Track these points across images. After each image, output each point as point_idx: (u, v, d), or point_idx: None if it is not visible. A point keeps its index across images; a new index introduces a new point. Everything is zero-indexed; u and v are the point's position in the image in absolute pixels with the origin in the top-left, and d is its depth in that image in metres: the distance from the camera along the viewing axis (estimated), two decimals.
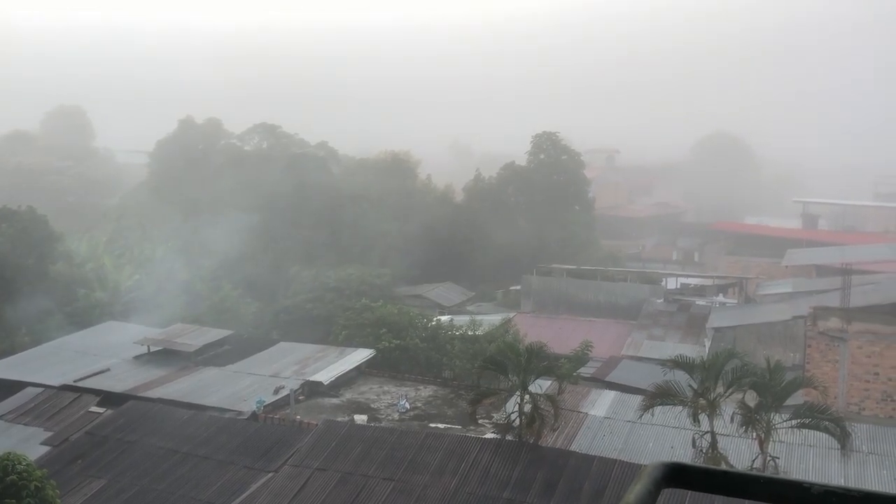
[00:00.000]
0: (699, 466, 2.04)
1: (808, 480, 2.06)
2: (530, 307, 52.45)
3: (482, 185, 69.65)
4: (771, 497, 2.08)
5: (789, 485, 2.08)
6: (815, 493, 2.04)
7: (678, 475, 2.01)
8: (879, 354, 31.83)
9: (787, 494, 2.07)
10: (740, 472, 2.06)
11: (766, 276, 53.69)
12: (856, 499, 2.02)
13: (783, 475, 23.26)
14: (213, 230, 54.21)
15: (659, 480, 1.96)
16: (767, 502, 2.08)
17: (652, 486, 1.92)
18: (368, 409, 31.95)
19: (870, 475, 24.60)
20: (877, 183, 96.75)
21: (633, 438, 26.91)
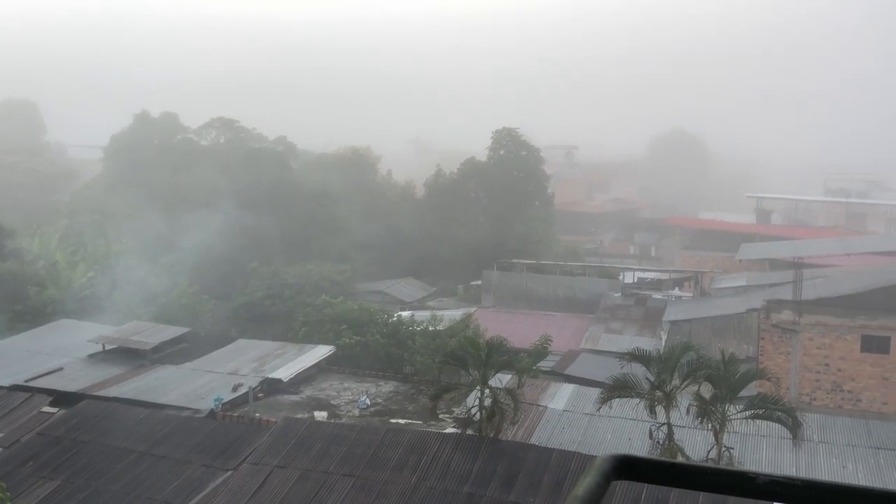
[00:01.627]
0: (648, 458, 2.07)
1: (753, 470, 2.12)
2: (491, 302, 52.70)
3: (443, 180, 69.70)
4: (718, 487, 2.13)
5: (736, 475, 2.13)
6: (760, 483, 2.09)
7: (627, 467, 2.04)
8: (829, 346, 32.66)
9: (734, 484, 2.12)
10: (688, 464, 2.10)
11: (720, 269, 54.66)
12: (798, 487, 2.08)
13: (738, 465, 23.76)
14: (170, 226, 53.39)
15: (608, 473, 1.99)
16: (715, 492, 2.13)
17: (601, 479, 1.95)
18: (328, 405, 31.80)
19: (820, 463, 25.24)
20: (827, 179, 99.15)
21: (591, 431, 27.22)
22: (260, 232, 54.27)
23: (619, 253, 76.43)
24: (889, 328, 31.93)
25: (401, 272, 59.09)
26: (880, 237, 56.82)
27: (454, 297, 57.52)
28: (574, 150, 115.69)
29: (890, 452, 25.71)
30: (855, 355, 32.35)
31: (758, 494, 2.10)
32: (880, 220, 77.27)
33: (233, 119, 79.89)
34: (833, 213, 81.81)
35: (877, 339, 32.16)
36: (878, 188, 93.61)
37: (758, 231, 64.57)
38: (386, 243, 59.66)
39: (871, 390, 32.06)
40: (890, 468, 24.89)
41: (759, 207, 77.81)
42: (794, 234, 61.04)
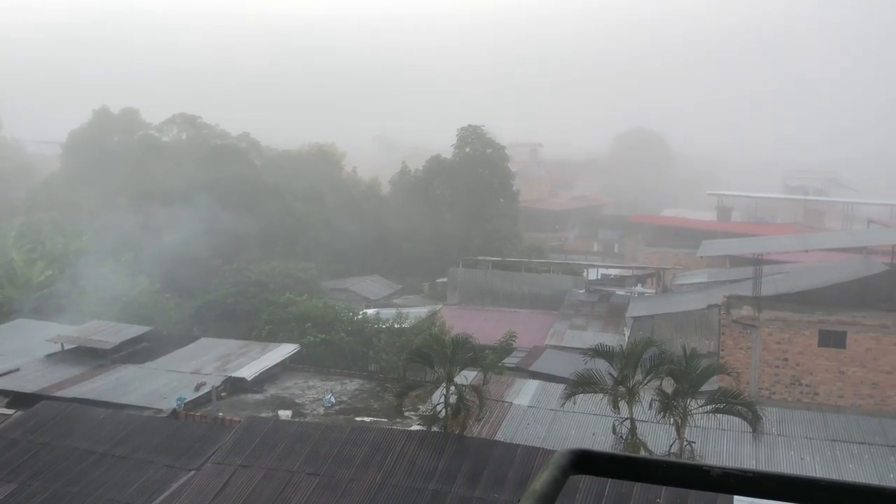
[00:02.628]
0: (604, 453, 2.10)
1: (707, 464, 2.15)
2: (456, 299, 52.79)
3: (408, 177, 69.60)
4: (673, 480, 2.16)
5: (690, 468, 2.17)
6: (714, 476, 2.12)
7: (584, 462, 2.06)
8: (788, 341, 33.29)
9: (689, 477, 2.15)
10: (644, 458, 2.13)
11: (682, 266, 55.42)
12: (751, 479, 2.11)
13: (699, 459, 24.12)
14: (130, 224, 52.54)
15: (566, 467, 2.01)
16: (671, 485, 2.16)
17: (558, 473, 1.96)
18: (293, 404, 31.61)
19: (779, 456, 25.74)
20: (786, 177, 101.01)
21: (555, 426, 27.43)
22: (223, 229, 53.68)
23: (583, 250, 77.03)
24: (846, 323, 32.64)
25: (366, 270, 58.90)
26: (837, 234, 58.00)
27: (420, 295, 57.51)
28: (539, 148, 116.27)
29: (846, 445, 26.32)
30: (812, 350, 33.01)
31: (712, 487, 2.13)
32: (837, 216, 78.94)
33: (195, 115, 78.90)
34: (792, 210, 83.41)
35: (834, 334, 32.85)
36: (836, 185, 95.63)
37: (718, 228, 65.57)
38: (351, 241, 59.42)
39: (828, 384, 32.76)
40: (846, 460, 25.49)
41: (720, 205, 79.01)
42: (754, 230, 62.09)
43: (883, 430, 27.26)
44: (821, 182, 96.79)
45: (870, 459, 25.40)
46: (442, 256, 58.43)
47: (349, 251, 58.81)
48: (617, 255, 74.95)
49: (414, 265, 61.13)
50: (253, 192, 58.66)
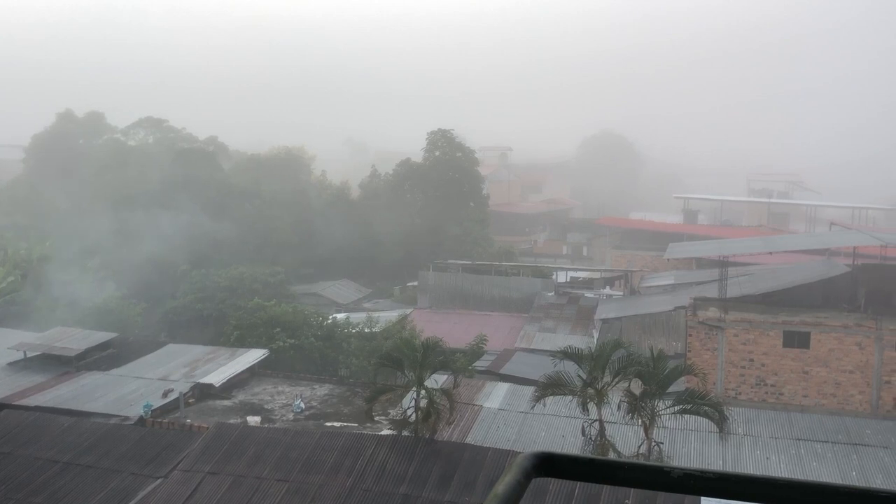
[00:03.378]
0: (567, 455, 2.13)
1: (668, 465, 2.19)
2: (427, 303, 52.76)
3: (378, 181, 69.47)
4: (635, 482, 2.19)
5: (652, 469, 2.20)
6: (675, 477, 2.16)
7: (547, 464, 2.09)
8: (753, 342, 33.77)
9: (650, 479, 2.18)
10: (606, 460, 2.16)
11: (649, 268, 55.94)
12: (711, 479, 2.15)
13: (667, 459, 24.38)
14: (96, 229, 51.77)
15: (528, 471, 2.03)
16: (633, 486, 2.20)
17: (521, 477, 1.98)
18: (262, 410, 31.35)
19: (745, 455, 26.11)
20: (750, 181, 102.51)
21: (525, 429, 27.54)
22: (190, 234, 53.12)
23: (553, 253, 77.45)
24: (809, 324, 33.20)
25: (336, 274, 58.64)
26: (801, 236, 58.99)
27: (390, 299, 57.38)
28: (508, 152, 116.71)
29: (810, 443, 26.78)
30: (777, 350, 33.52)
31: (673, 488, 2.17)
32: (801, 219, 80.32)
33: (162, 119, 78.02)
34: (756, 213, 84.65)
35: (798, 335, 33.40)
36: (799, 188, 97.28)
37: (685, 230, 66.34)
38: (321, 244, 59.11)
39: (792, 384, 33.29)
40: (810, 458, 25.93)
41: (687, 208, 79.97)
42: (720, 233, 62.89)
43: (845, 428, 27.79)
44: (784, 185, 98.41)
45: (833, 457, 25.87)
46: (412, 260, 58.39)
47: (319, 255, 58.50)
48: (585, 258, 75.47)
49: (384, 269, 60.99)
50: (220, 196, 58.14)
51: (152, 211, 53.62)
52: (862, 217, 73.44)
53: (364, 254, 60.76)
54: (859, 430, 27.68)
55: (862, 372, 32.58)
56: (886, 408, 31.85)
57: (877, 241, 37.09)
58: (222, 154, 73.21)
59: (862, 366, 32.56)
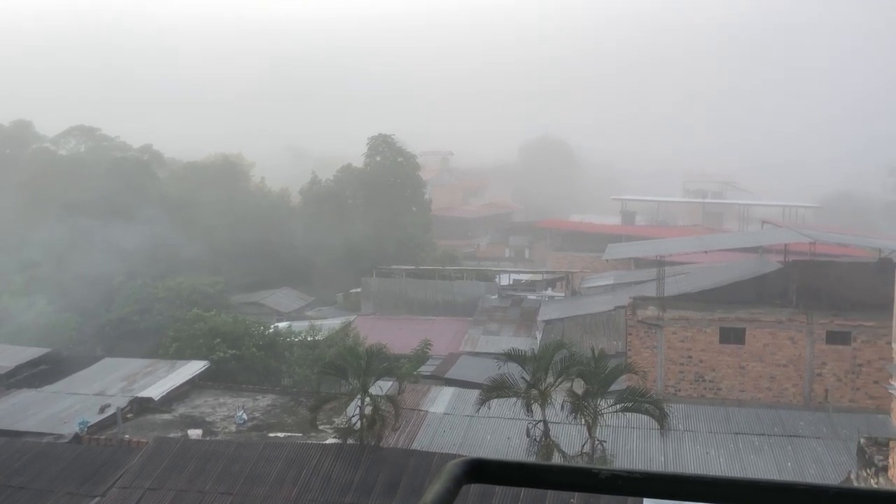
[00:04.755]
0: (496, 460, 2.14)
1: (596, 467, 2.22)
2: (371, 309, 52.51)
3: (318, 187, 68.93)
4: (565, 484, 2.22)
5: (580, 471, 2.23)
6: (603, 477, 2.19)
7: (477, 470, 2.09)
8: (691, 339, 34.57)
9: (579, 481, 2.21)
10: (535, 463, 2.18)
11: (590, 269, 56.76)
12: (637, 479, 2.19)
13: (610, 458, 24.76)
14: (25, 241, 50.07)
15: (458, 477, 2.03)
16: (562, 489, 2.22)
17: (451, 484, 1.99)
18: (203, 422, 30.75)
19: (685, 451, 26.69)
20: (685, 181, 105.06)
21: (471, 432, 27.64)
22: (125, 245, 51.81)
23: (495, 256, 77.98)
24: (744, 320, 34.16)
25: (278, 282, 57.92)
26: (734, 234, 60.67)
27: (333, 306, 56.92)
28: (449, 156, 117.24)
29: (747, 437, 27.54)
30: (714, 347, 34.39)
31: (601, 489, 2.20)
32: (734, 218, 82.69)
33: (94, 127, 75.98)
34: (692, 213, 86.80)
35: (734, 331, 34.33)
36: (732, 189, 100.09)
37: (623, 231, 67.56)
38: (261, 253, 58.30)
39: (729, 379, 34.18)
40: (748, 452, 26.66)
41: (624, 209, 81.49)
42: (657, 233, 64.26)
43: (781, 421, 28.66)
44: (718, 186, 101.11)
45: (769, 450, 26.65)
46: (355, 266, 58.02)
47: (259, 264, 57.69)
48: (528, 261, 76.21)
49: (327, 276, 60.47)
50: (156, 205, 56.88)
51: (85, 222, 52.12)
52: (792, 215, 75.98)
53: (306, 261, 60.16)
54: (793, 421, 28.58)
55: (795, 365, 33.66)
56: (818, 399, 32.96)
57: (806, 239, 38.40)
58: (158, 163, 71.65)
59: (795, 359, 33.64)
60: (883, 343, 31.18)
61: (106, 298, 48.25)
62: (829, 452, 26.10)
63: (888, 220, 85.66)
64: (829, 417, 28.91)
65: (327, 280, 60.20)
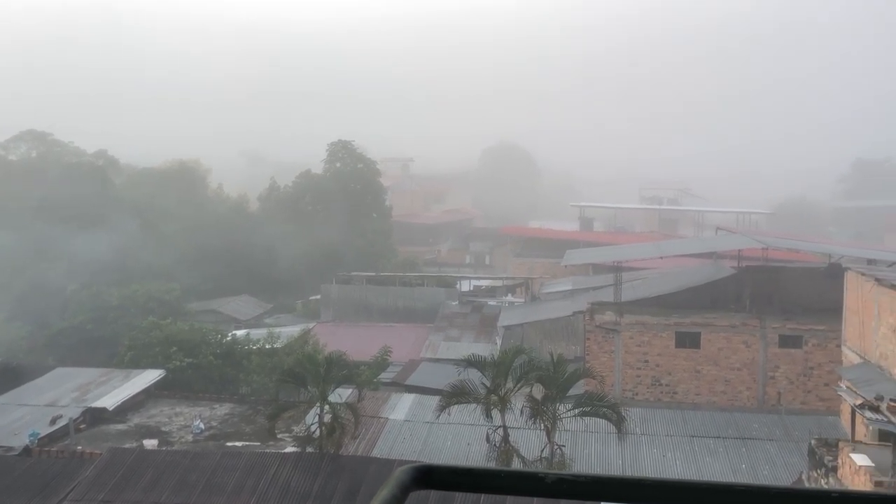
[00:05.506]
0: (444, 466, 2.16)
1: (543, 470, 2.26)
2: (330, 316, 52.20)
3: (277, 193, 68.38)
4: (512, 489, 2.25)
5: (527, 476, 2.26)
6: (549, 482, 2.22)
7: (425, 477, 2.12)
8: (648, 343, 35.04)
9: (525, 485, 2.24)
10: (483, 469, 2.21)
11: (549, 275, 57.22)
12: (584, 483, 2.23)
13: (569, 462, 24.96)
14: None
15: (406, 484, 2.06)
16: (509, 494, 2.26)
17: (398, 491, 2.00)
18: (159, 432, 30.24)
19: (643, 454, 27.02)
20: (641, 188, 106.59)
21: (431, 439, 27.63)
22: (78, 252, 50.75)
23: (456, 262, 78.12)
24: (699, 324, 34.73)
25: (235, 289, 57.25)
26: (689, 240, 61.66)
27: (292, 313, 56.43)
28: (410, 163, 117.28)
29: (703, 440, 27.99)
30: (670, 351, 34.89)
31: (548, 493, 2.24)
32: (689, 224, 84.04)
33: (46, 132, 74.37)
34: (648, 220, 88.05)
35: (689, 335, 34.88)
36: (687, 195, 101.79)
37: (582, 238, 68.21)
38: (219, 260, 57.58)
39: (685, 383, 34.70)
40: (703, 454, 27.11)
41: (583, 216, 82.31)
42: (614, 239, 65.00)
43: (735, 423, 29.21)
44: (673, 193, 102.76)
45: (724, 452, 27.13)
46: (315, 273, 57.62)
47: (217, 270, 56.96)
48: (488, 267, 76.50)
49: (286, 283, 59.97)
50: (111, 212, 55.85)
51: (37, 229, 50.94)
52: (746, 221, 77.44)
53: (264, 268, 59.58)
54: (747, 424, 29.15)
55: (748, 369, 34.30)
56: (771, 402, 33.64)
57: (759, 244, 39.22)
58: (113, 168, 70.35)
59: (748, 363, 34.29)
60: (833, 346, 31.98)
61: (60, 307, 47.21)
62: (781, 454, 26.65)
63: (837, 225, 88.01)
64: (781, 419, 29.53)
65: (286, 287, 59.70)
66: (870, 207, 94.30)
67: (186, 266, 55.74)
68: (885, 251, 44.24)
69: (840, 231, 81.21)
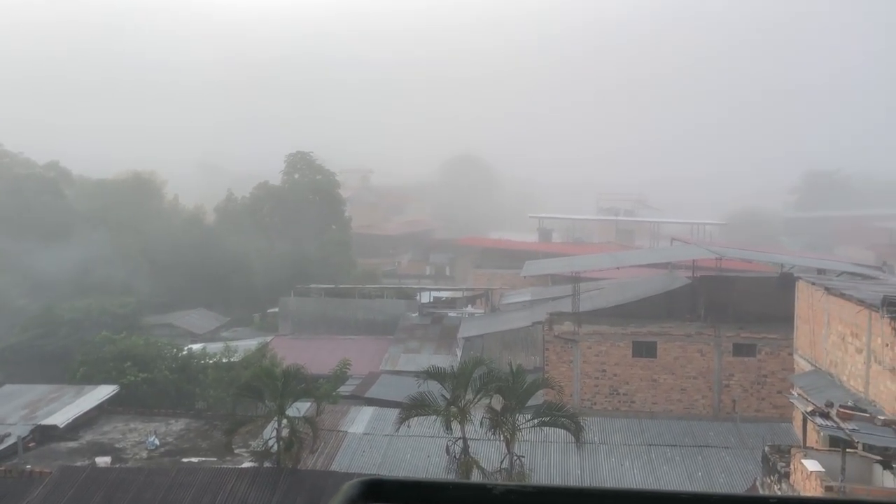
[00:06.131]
0: (394, 480, 2.18)
1: (491, 483, 2.29)
2: (289, 329, 51.69)
3: (235, 205, 67.65)
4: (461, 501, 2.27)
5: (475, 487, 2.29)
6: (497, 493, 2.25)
7: (373, 491, 2.13)
8: (606, 353, 35.39)
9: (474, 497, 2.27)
10: (432, 481, 2.23)
11: (508, 286, 57.47)
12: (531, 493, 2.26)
13: (528, 472, 25.04)
14: None
15: (354, 498, 2.07)
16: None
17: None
18: (112, 449, 29.61)
19: (601, 463, 27.23)
20: (598, 199, 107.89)
21: (391, 452, 27.50)
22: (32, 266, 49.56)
23: (416, 273, 78.03)
24: (656, 334, 35.20)
25: (192, 303, 56.39)
26: (645, 251, 62.50)
27: (250, 327, 55.76)
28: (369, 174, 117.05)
29: (660, 448, 28.31)
30: (628, 360, 35.28)
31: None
32: (645, 235, 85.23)
33: None
34: (605, 231, 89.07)
35: (646, 345, 35.33)
36: (643, 207, 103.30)
37: (541, 248, 68.69)
38: (175, 272, 56.68)
39: (642, 392, 35.10)
40: (660, 462, 27.41)
41: (541, 227, 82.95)
42: (572, 250, 65.60)
43: (691, 432, 29.62)
44: (630, 204, 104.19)
45: (681, 460, 27.47)
46: (273, 286, 57.01)
47: (173, 283, 56.06)
48: (448, 278, 76.56)
49: (243, 296, 59.23)
50: (64, 224, 54.68)
51: None
52: (700, 232, 78.84)
53: (222, 281, 58.81)
54: (703, 432, 29.58)
55: (704, 377, 34.85)
56: (726, 410, 34.19)
57: (713, 255, 39.92)
58: (65, 180, 68.86)
59: (704, 371, 34.83)
60: (785, 354, 32.67)
61: (7, 322, 45.98)
62: (737, 461, 27.09)
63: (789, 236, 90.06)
64: (736, 427, 30.02)
65: (244, 300, 58.97)
66: (820, 218, 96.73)
67: (142, 279, 54.77)
68: (834, 261, 45.36)
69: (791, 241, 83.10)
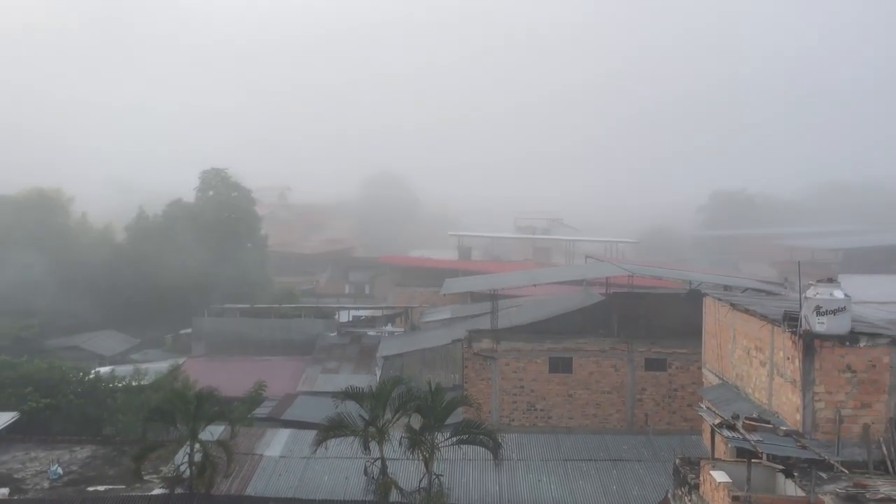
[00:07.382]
0: None
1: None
2: (202, 350, 50.34)
3: (146, 223, 65.60)
4: None
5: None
6: None
7: None
8: (523, 369, 35.84)
9: None
10: None
11: (428, 304, 57.57)
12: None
13: (447, 492, 25.05)
14: None
15: None
16: None
17: None
18: (11, 480, 28.10)
19: (519, 480, 27.48)
20: (516, 218, 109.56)
21: (308, 474, 27.05)
22: None
23: (335, 292, 77.32)
24: (571, 349, 35.88)
25: (100, 324, 54.28)
26: (561, 268, 63.73)
27: (162, 348, 54.07)
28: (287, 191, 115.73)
29: (576, 463, 28.79)
30: (544, 376, 35.81)
31: None
32: (561, 253, 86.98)
33: None
34: (523, 248, 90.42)
35: (562, 360, 35.97)
36: (559, 225, 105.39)
37: (460, 266, 69.14)
38: (83, 293, 54.47)
39: (559, 407, 35.67)
40: (577, 477, 27.87)
41: (461, 244, 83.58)
42: (491, 268, 66.30)
43: (606, 446, 30.25)
44: (547, 223, 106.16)
45: (596, 474, 27.99)
46: (185, 306, 55.46)
47: (80, 304, 53.86)
48: (368, 297, 76.15)
49: (155, 316, 57.38)
50: None
51: None
52: (613, 250, 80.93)
53: (132, 301, 56.86)
54: (618, 446, 30.25)
55: (618, 392, 35.69)
56: (639, 423, 35.08)
57: (626, 272, 41.01)
58: None
59: (618, 386, 35.68)
60: (695, 368, 33.79)
61: None
62: (650, 474, 27.77)
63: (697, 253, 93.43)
64: (649, 440, 30.82)
65: (155, 321, 57.15)
66: (726, 236, 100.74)
67: (46, 300, 52.44)
68: (740, 278, 47.25)
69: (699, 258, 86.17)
